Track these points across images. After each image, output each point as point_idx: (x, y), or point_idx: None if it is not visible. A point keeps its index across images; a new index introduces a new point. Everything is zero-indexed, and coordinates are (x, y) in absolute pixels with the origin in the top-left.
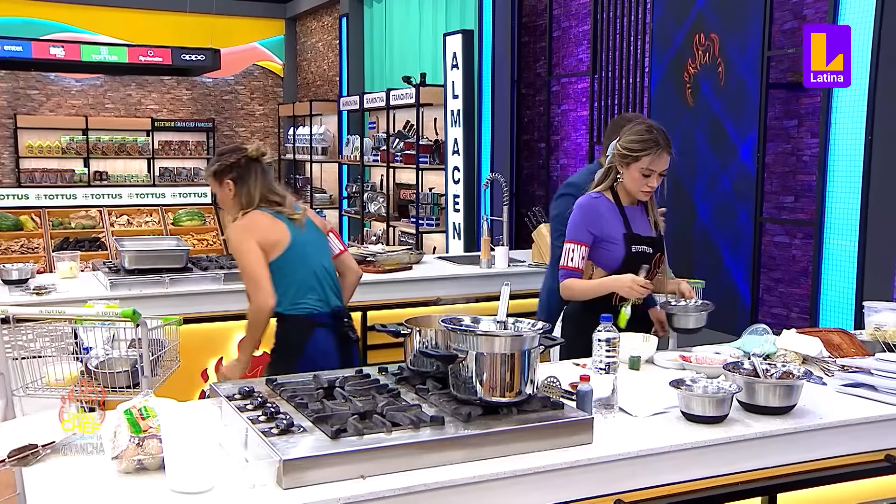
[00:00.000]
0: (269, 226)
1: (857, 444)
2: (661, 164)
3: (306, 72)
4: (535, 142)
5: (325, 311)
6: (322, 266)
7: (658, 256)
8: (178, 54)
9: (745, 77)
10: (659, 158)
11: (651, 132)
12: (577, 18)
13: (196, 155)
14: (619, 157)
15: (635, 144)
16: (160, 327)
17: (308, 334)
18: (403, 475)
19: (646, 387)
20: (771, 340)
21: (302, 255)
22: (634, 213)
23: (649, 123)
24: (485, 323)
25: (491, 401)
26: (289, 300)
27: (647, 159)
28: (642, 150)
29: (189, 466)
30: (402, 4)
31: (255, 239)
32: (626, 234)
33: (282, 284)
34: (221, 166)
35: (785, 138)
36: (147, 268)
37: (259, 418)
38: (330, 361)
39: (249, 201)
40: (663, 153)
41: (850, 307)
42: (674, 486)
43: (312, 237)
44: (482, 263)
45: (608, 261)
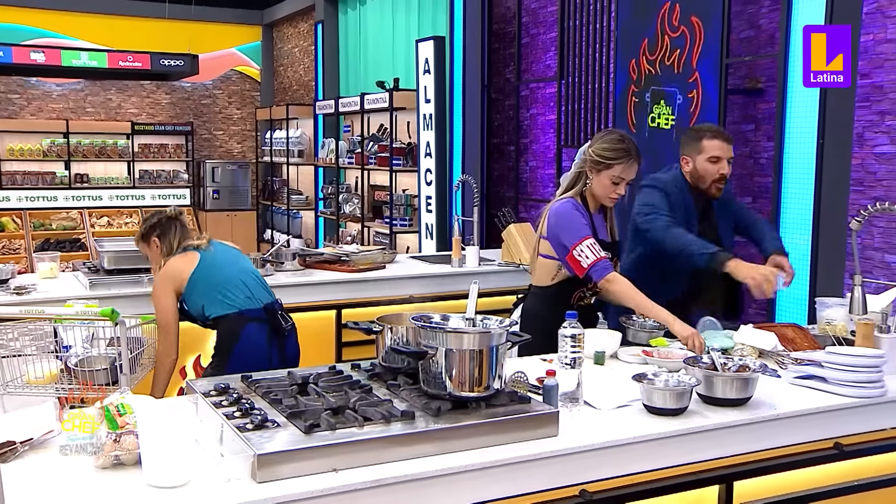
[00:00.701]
0: (180, 262)
1: (808, 433)
2: (631, 173)
3: (283, 77)
4: (504, 145)
5: (255, 307)
6: (242, 269)
7: (614, 261)
8: (156, 59)
9: (705, 83)
10: (630, 167)
11: (623, 142)
12: (544, 26)
13: (175, 158)
14: (592, 164)
15: (608, 153)
16: (139, 326)
17: (240, 328)
18: (375, 468)
19: (610, 381)
20: (728, 335)
21: (213, 264)
22: (597, 219)
23: (621, 133)
24: (454, 320)
25: (460, 395)
26: (217, 302)
27: (619, 168)
28: (615, 159)
29: (165, 461)
30: (376, 11)
31: (171, 286)
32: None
33: (206, 292)
34: (146, 228)
35: (743, 142)
36: (126, 268)
37: (234, 414)
38: (262, 352)
39: (169, 251)
40: (634, 163)
41: (804, 303)
42: (636, 475)
43: (221, 248)
44: (453, 262)
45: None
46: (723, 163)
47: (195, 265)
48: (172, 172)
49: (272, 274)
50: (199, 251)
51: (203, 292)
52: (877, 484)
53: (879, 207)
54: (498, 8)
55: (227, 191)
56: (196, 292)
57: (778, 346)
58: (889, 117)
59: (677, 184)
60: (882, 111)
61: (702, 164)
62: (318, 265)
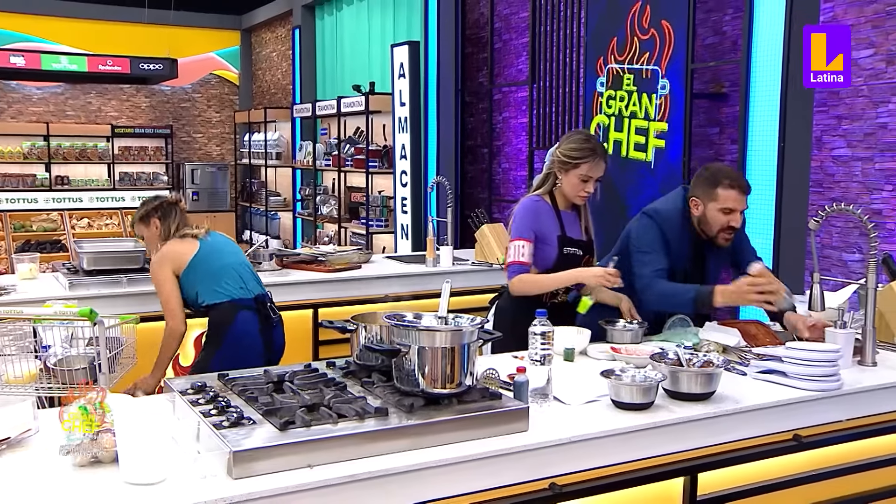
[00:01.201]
0: (180, 245)
1: (769, 426)
2: (598, 171)
3: (261, 80)
4: (478, 147)
5: (247, 297)
6: (236, 260)
7: (587, 258)
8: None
9: (672, 87)
10: (596, 166)
11: (589, 141)
12: (517, 31)
13: (155, 160)
14: (559, 164)
15: (575, 152)
16: (117, 326)
17: (233, 316)
18: (349, 464)
19: (579, 377)
20: (694, 332)
21: (211, 252)
22: (569, 217)
23: (587, 133)
24: (426, 318)
25: (432, 392)
26: (212, 291)
27: (586, 166)
28: (581, 158)
29: (142, 459)
30: (352, 17)
31: (171, 266)
32: (560, 236)
33: (203, 280)
34: (148, 210)
35: (708, 144)
36: (105, 269)
37: (211, 412)
38: (254, 339)
39: (167, 235)
40: (600, 161)
41: None
42: (604, 469)
43: (220, 240)
44: (428, 262)
45: (542, 259)
46: (736, 214)
47: (195, 252)
48: (152, 174)
49: None
50: (199, 239)
51: (199, 279)
52: (833, 473)
53: (836, 208)
54: (471, 13)
55: (207, 192)
56: (192, 278)
57: (741, 342)
58: (846, 121)
59: (678, 220)
60: (839, 116)
61: (713, 212)
62: (295, 265)
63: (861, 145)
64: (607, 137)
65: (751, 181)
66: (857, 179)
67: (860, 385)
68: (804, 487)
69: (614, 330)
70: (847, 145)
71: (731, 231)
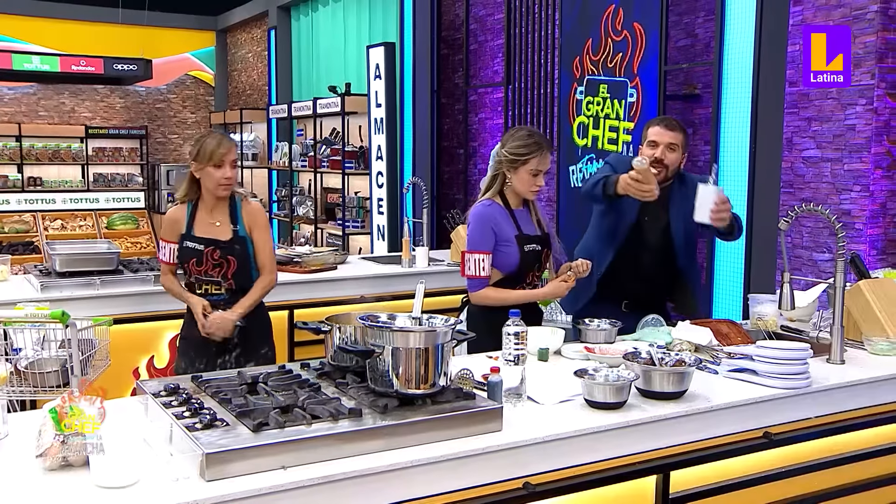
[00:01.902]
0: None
1: (740, 424)
2: (546, 164)
3: (237, 81)
4: (454, 148)
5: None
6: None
7: (545, 252)
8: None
9: (645, 89)
10: (544, 158)
11: (532, 136)
12: (492, 33)
13: (130, 161)
14: (508, 163)
15: (522, 149)
16: (90, 328)
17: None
18: (323, 465)
19: (553, 377)
20: (666, 331)
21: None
22: (522, 214)
23: (529, 129)
24: (400, 319)
25: (406, 393)
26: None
27: (535, 161)
28: (529, 153)
29: (113, 462)
30: (328, 18)
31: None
32: (518, 235)
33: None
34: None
35: None
36: (78, 270)
37: (184, 414)
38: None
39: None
40: (546, 153)
41: (739, 299)
42: (577, 468)
43: None
44: (403, 263)
45: (506, 261)
46: (659, 147)
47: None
48: (127, 176)
49: None
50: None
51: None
52: (802, 470)
53: (805, 208)
54: (447, 15)
55: None
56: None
57: (713, 340)
58: (815, 123)
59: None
60: (809, 117)
61: (644, 149)
62: None
63: (830, 147)
64: (587, 134)
65: (723, 181)
66: (826, 180)
67: (829, 383)
68: (774, 484)
69: (588, 329)
70: (817, 146)
71: (657, 162)
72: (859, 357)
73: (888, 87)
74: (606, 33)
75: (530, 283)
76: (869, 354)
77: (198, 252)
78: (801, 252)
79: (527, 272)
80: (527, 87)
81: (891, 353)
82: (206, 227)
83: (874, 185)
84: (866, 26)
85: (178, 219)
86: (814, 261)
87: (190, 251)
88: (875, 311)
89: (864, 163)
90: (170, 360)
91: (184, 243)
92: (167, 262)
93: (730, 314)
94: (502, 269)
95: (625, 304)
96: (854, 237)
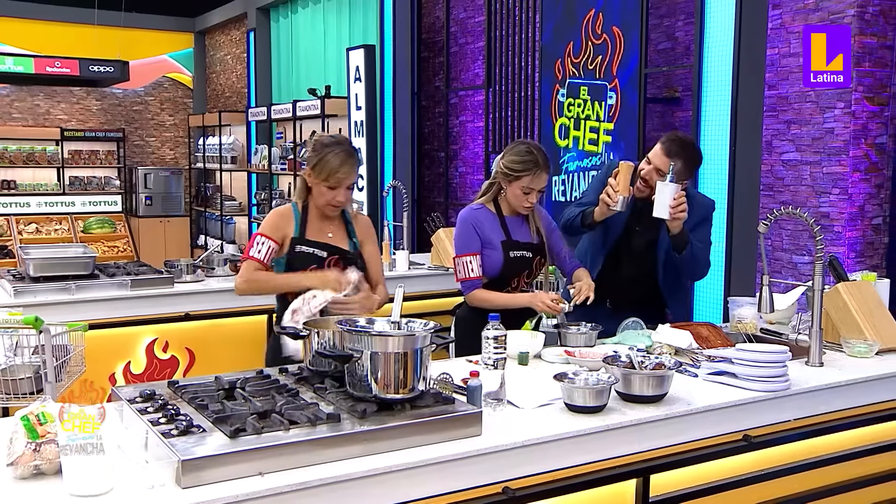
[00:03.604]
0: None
1: (720, 427)
2: (540, 183)
3: (215, 83)
4: (435, 151)
5: None
6: None
7: (538, 260)
8: (85, 66)
9: (625, 91)
10: (538, 178)
11: (531, 153)
12: (472, 35)
13: (107, 164)
14: (502, 175)
15: (516, 165)
16: (64, 333)
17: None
18: (301, 471)
19: (532, 381)
20: (646, 335)
21: None
22: (515, 221)
23: (529, 144)
24: (379, 324)
25: (385, 397)
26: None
27: (528, 179)
28: (523, 171)
29: (86, 470)
30: (308, 20)
31: None
32: (505, 241)
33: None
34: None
35: None
36: (53, 275)
37: (159, 420)
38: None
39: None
40: (542, 173)
41: (720, 302)
42: (557, 472)
43: None
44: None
45: (489, 265)
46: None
47: None
48: (104, 179)
49: (203, 280)
50: None
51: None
52: (781, 472)
53: (784, 211)
54: (427, 17)
55: (160, 197)
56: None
57: (693, 343)
58: (794, 126)
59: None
60: (788, 120)
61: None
62: None
63: (809, 150)
64: (568, 135)
65: (703, 185)
66: (805, 183)
67: (808, 385)
68: (754, 487)
69: (568, 333)
70: (796, 149)
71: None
72: (838, 359)
73: (866, 90)
74: (587, 36)
75: (517, 287)
76: (847, 357)
77: (318, 258)
78: (781, 255)
79: (512, 277)
80: (507, 89)
81: (868, 355)
82: (319, 236)
83: (853, 188)
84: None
85: (285, 218)
86: (794, 263)
87: (307, 256)
88: (853, 313)
89: (842, 166)
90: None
91: (296, 247)
92: (260, 262)
93: (710, 317)
94: (486, 273)
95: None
96: (833, 240)
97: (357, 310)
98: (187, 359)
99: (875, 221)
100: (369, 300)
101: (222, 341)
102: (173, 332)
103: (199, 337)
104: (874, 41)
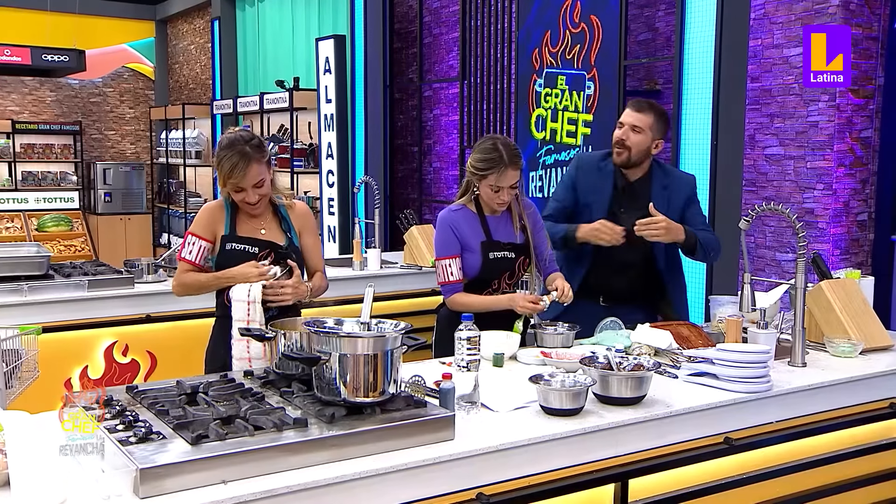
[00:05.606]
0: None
1: (700, 429)
2: (508, 180)
3: (178, 75)
4: (408, 146)
5: None
6: None
7: (522, 259)
8: (38, 54)
9: (604, 82)
10: (503, 175)
11: (496, 150)
12: (447, 25)
13: (63, 158)
14: (470, 174)
15: (481, 163)
16: (16, 337)
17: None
18: (266, 478)
19: (508, 383)
20: (625, 335)
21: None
22: (498, 220)
23: (494, 140)
24: (348, 324)
25: (355, 401)
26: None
27: (493, 177)
28: (487, 169)
29: (36, 481)
30: (275, 9)
31: None
32: (484, 242)
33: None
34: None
35: None
36: (3, 275)
37: (117, 427)
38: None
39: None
40: (507, 170)
41: (701, 301)
42: (533, 477)
43: None
44: (354, 266)
45: (469, 267)
46: (624, 128)
47: None
48: (59, 174)
49: (165, 280)
50: None
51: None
52: (763, 476)
53: (765, 207)
54: (399, 7)
55: (120, 193)
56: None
57: (673, 344)
58: (777, 120)
59: (604, 158)
60: (771, 114)
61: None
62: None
63: (793, 144)
64: (545, 127)
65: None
66: (789, 178)
67: (790, 386)
68: (735, 491)
69: (545, 334)
70: (779, 144)
71: (617, 143)
72: (821, 359)
73: (851, 82)
74: (564, 25)
75: (498, 289)
76: (831, 356)
77: (250, 255)
78: (765, 252)
79: (492, 279)
80: (483, 82)
81: (852, 355)
82: (252, 232)
83: (837, 183)
84: (828, 21)
85: (215, 215)
86: (777, 261)
87: (239, 254)
88: (837, 312)
89: (826, 160)
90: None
91: (227, 245)
92: (192, 263)
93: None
94: (465, 275)
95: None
96: (817, 236)
97: (290, 295)
98: (149, 363)
99: (860, 217)
100: (302, 286)
101: (185, 344)
102: (133, 335)
103: (160, 340)
104: (859, 32)
